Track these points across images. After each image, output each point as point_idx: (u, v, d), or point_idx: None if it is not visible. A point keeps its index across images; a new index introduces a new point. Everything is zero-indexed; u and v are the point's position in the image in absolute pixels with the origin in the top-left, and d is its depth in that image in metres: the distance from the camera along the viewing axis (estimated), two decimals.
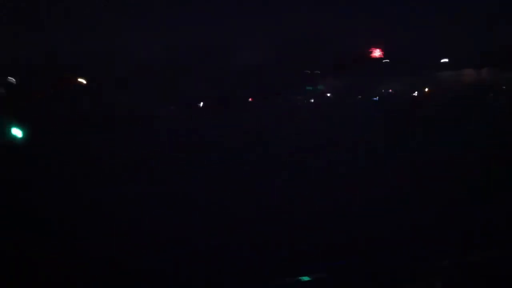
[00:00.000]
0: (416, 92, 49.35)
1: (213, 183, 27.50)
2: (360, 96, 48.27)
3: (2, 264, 17.71)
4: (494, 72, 50.43)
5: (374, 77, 49.90)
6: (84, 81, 46.98)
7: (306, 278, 16.57)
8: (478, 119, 36.25)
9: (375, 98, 48.35)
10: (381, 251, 18.15)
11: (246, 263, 17.69)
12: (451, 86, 50.08)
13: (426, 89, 49.74)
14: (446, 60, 50.99)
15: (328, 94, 49.63)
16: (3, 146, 30.11)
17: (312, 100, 49.24)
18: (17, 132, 29.44)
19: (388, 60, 53.48)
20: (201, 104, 46.17)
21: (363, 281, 16.42)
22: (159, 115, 43.57)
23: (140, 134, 38.01)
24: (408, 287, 16.30)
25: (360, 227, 20.72)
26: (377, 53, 52.48)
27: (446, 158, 30.26)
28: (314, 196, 25.12)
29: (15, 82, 43.33)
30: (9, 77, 42.86)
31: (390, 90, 49.48)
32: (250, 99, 48.16)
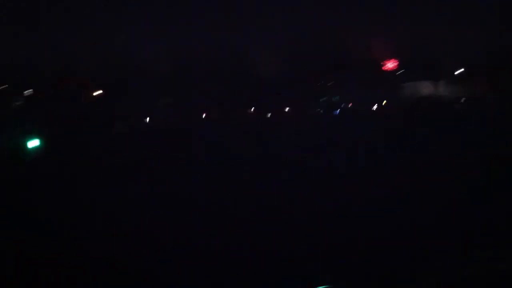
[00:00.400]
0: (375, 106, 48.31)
1: (213, 183, 27.50)
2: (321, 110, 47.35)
3: (2, 264, 17.72)
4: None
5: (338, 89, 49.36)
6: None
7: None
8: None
9: (336, 112, 47.28)
10: (381, 251, 18.14)
11: (246, 263, 17.68)
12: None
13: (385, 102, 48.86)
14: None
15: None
16: (6, 148, 30.22)
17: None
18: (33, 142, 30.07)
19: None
20: (201, 105, 46.14)
21: (363, 281, 16.41)
22: (159, 115, 43.58)
23: (140, 134, 38.03)
24: (408, 287, 16.29)
25: (360, 227, 20.70)
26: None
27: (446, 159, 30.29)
28: (314, 196, 25.12)
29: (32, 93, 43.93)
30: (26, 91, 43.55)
31: (350, 104, 48.49)
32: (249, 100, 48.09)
